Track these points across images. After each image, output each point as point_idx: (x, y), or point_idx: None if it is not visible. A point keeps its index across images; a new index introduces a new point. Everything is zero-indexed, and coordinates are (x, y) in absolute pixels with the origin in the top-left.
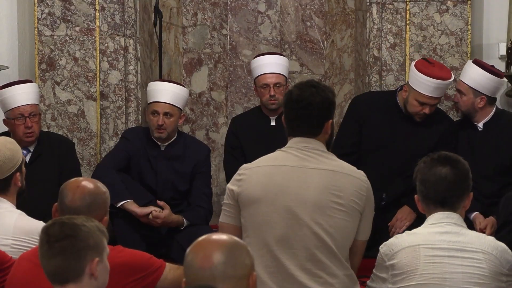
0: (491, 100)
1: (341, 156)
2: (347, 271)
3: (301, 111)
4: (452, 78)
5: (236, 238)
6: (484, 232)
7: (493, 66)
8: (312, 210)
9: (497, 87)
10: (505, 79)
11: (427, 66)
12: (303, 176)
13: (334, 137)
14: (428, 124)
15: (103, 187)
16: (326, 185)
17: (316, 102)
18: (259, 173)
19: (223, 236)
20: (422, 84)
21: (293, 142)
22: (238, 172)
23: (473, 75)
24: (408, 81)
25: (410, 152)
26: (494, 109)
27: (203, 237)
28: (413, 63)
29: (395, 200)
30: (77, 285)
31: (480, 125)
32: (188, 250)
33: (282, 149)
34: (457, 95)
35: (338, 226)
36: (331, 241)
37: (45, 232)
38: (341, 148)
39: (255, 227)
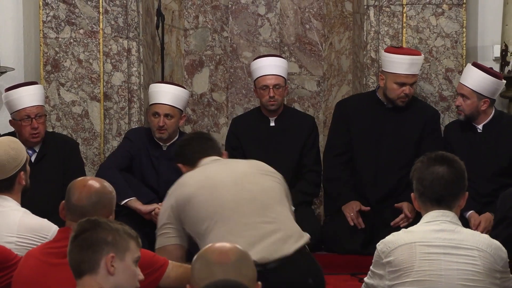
0: (492, 102)
1: (335, 156)
2: (292, 218)
3: (205, 136)
4: (422, 55)
5: (242, 249)
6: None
7: (491, 68)
8: (250, 175)
9: (497, 89)
10: (504, 80)
11: (396, 49)
12: (232, 164)
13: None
14: (412, 114)
15: (109, 187)
16: (254, 165)
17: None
18: (191, 177)
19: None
20: (397, 64)
21: (207, 160)
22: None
23: (476, 79)
24: (381, 69)
25: (399, 143)
26: (493, 110)
27: (212, 243)
28: (382, 51)
29: (390, 196)
30: (93, 277)
31: (480, 126)
32: (198, 253)
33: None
34: (460, 99)
35: (272, 185)
36: (273, 193)
37: (73, 230)
38: (335, 149)
39: (207, 208)
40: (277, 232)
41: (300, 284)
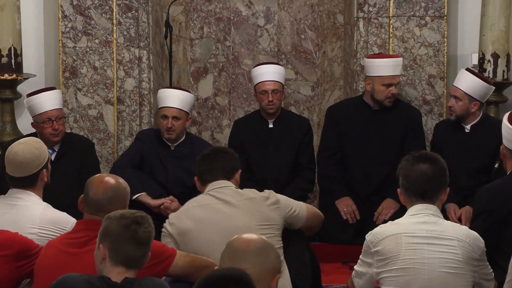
0: (481, 105)
1: (328, 156)
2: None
3: (219, 154)
4: (401, 58)
5: (269, 241)
6: (460, 220)
7: (482, 73)
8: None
9: (487, 93)
10: (493, 86)
11: (377, 55)
12: (230, 209)
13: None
14: (396, 115)
15: (124, 183)
16: (254, 215)
17: (230, 151)
18: (188, 213)
19: (261, 236)
20: (382, 67)
21: (210, 186)
22: (168, 221)
23: (468, 82)
24: (366, 75)
25: (385, 141)
26: (481, 113)
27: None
28: (364, 59)
29: (378, 190)
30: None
31: (468, 127)
32: (230, 240)
33: (202, 194)
34: (452, 100)
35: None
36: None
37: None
38: (328, 149)
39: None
40: None
41: None
